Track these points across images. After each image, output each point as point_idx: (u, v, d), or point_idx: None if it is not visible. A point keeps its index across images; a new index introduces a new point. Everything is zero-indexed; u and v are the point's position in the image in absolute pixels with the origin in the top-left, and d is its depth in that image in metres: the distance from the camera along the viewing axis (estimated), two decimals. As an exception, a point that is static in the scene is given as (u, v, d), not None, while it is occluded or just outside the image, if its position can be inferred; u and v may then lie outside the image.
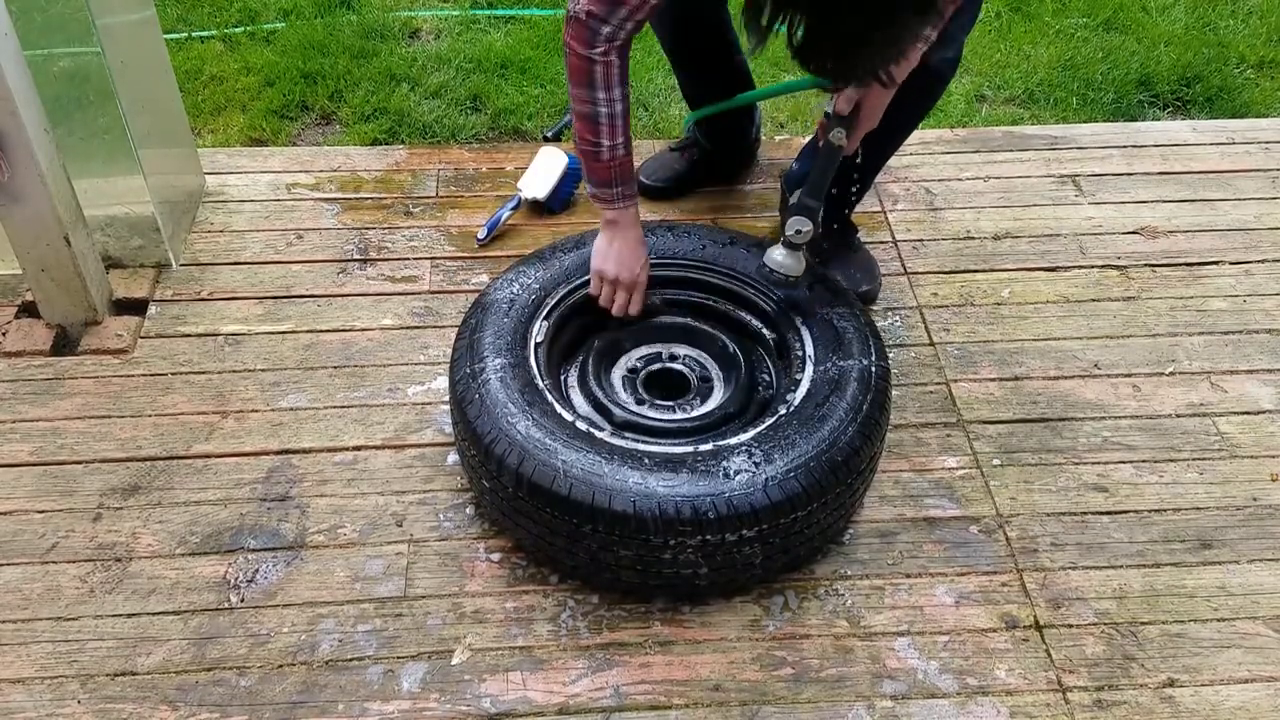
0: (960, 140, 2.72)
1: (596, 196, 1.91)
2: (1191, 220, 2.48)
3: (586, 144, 1.85)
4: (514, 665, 1.66)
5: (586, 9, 1.73)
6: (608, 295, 1.94)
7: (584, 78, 1.79)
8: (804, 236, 1.86)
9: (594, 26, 1.74)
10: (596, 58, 1.76)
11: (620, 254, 1.91)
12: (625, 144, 1.85)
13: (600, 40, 1.75)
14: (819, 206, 1.86)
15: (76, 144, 2.12)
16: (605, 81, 1.78)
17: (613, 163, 1.86)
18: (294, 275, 2.32)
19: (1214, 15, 3.35)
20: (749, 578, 1.73)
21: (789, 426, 1.70)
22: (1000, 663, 1.67)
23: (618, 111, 1.81)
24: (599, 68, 1.77)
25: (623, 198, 1.90)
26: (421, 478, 1.93)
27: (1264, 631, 1.71)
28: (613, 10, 1.72)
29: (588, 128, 1.83)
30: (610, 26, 1.74)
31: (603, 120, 1.82)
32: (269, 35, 3.24)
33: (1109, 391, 2.09)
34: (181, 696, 1.62)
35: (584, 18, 1.74)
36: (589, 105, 1.81)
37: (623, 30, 1.75)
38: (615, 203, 1.90)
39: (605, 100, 1.80)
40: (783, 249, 1.90)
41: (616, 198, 1.89)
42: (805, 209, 1.85)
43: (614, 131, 1.83)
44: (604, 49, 1.76)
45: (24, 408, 2.04)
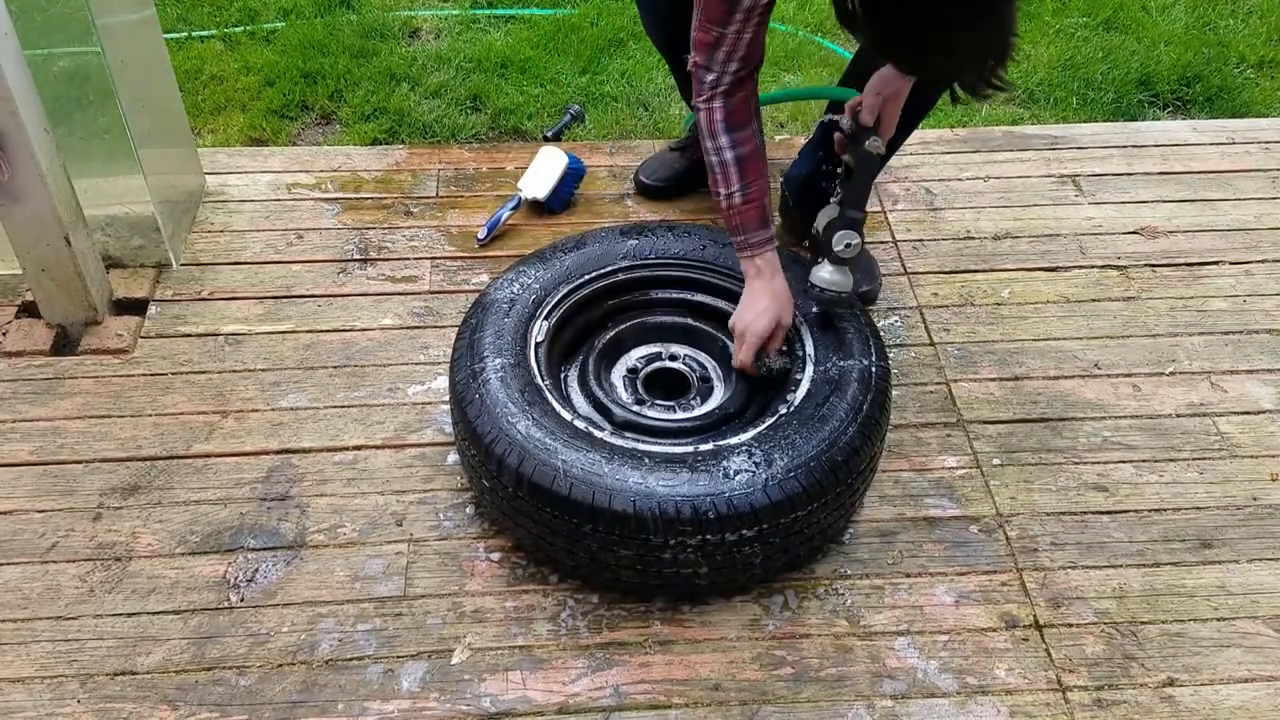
0: (960, 140, 2.72)
1: (735, 248, 1.87)
2: (1191, 220, 2.49)
3: (714, 195, 1.85)
4: (514, 665, 1.66)
5: (693, 60, 1.77)
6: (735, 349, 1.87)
7: (698, 128, 1.82)
8: (853, 250, 1.82)
9: (700, 76, 1.77)
10: (700, 106, 1.79)
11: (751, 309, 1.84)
12: (742, 191, 1.81)
13: (705, 88, 1.77)
14: (864, 218, 1.84)
15: (76, 144, 2.12)
16: (710, 130, 1.80)
17: (730, 211, 1.83)
18: (294, 275, 2.32)
19: (1214, 15, 3.35)
20: (749, 577, 1.73)
21: (789, 426, 1.70)
22: (1000, 662, 1.67)
23: (728, 160, 1.80)
24: (702, 116, 1.80)
25: (749, 245, 1.84)
26: (421, 477, 1.93)
27: (1264, 631, 1.71)
28: (711, 55, 1.74)
29: (709, 177, 1.84)
30: (713, 73, 1.76)
31: (715, 169, 1.82)
32: (269, 35, 3.24)
33: (1109, 391, 2.09)
34: (181, 696, 1.62)
35: (693, 70, 1.78)
36: (705, 155, 1.83)
37: (725, 74, 1.75)
38: (744, 251, 1.84)
39: (714, 149, 1.81)
40: (830, 265, 1.85)
41: (744, 246, 1.84)
42: (851, 222, 1.82)
43: (726, 180, 1.81)
44: (707, 96, 1.78)
45: (24, 407, 2.04)
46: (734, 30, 1.71)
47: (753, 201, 1.82)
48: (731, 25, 1.71)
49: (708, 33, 1.73)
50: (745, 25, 1.71)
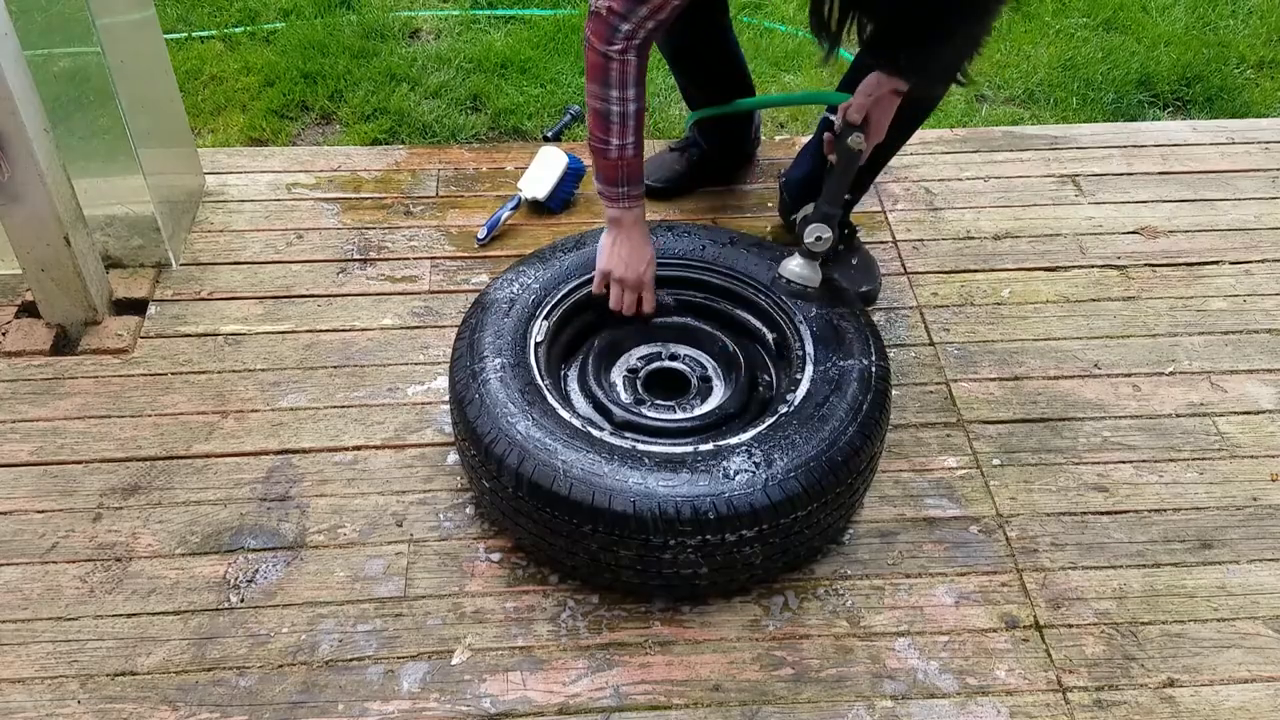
0: (960, 140, 2.72)
1: (602, 194, 1.91)
2: (1191, 220, 2.48)
3: (597, 140, 1.86)
4: (514, 665, 1.66)
5: (607, 5, 1.74)
6: (615, 296, 1.93)
7: (600, 74, 1.79)
8: (823, 244, 1.83)
9: (614, 23, 1.74)
10: (614, 55, 1.77)
11: (626, 253, 1.90)
12: (635, 145, 1.85)
13: (619, 38, 1.75)
14: (838, 214, 1.84)
15: (76, 144, 2.12)
16: (620, 80, 1.79)
17: (620, 161, 1.86)
18: (294, 275, 2.32)
19: (1214, 15, 3.35)
20: (749, 578, 1.73)
21: (789, 426, 1.70)
22: (1000, 663, 1.67)
23: (630, 111, 1.81)
24: (615, 65, 1.78)
25: (628, 198, 1.89)
26: (421, 478, 1.93)
27: (1264, 631, 1.71)
28: (633, 8, 1.73)
29: (599, 124, 1.84)
30: (630, 24, 1.74)
31: (614, 119, 1.82)
32: (269, 35, 3.24)
33: (1109, 391, 2.09)
34: (181, 696, 1.62)
35: (604, 13, 1.75)
36: (602, 102, 1.82)
37: (642, 29, 1.75)
38: (620, 202, 1.89)
39: (619, 99, 1.80)
40: (800, 258, 1.87)
41: (621, 197, 1.89)
42: (825, 216, 1.83)
43: (624, 131, 1.83)
44: (622, 46, 1.76)
45: (24, 408, 2.04)
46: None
47: (639, 156, 1.87)
48: None
49: None
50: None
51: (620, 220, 1.91)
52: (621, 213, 1.90)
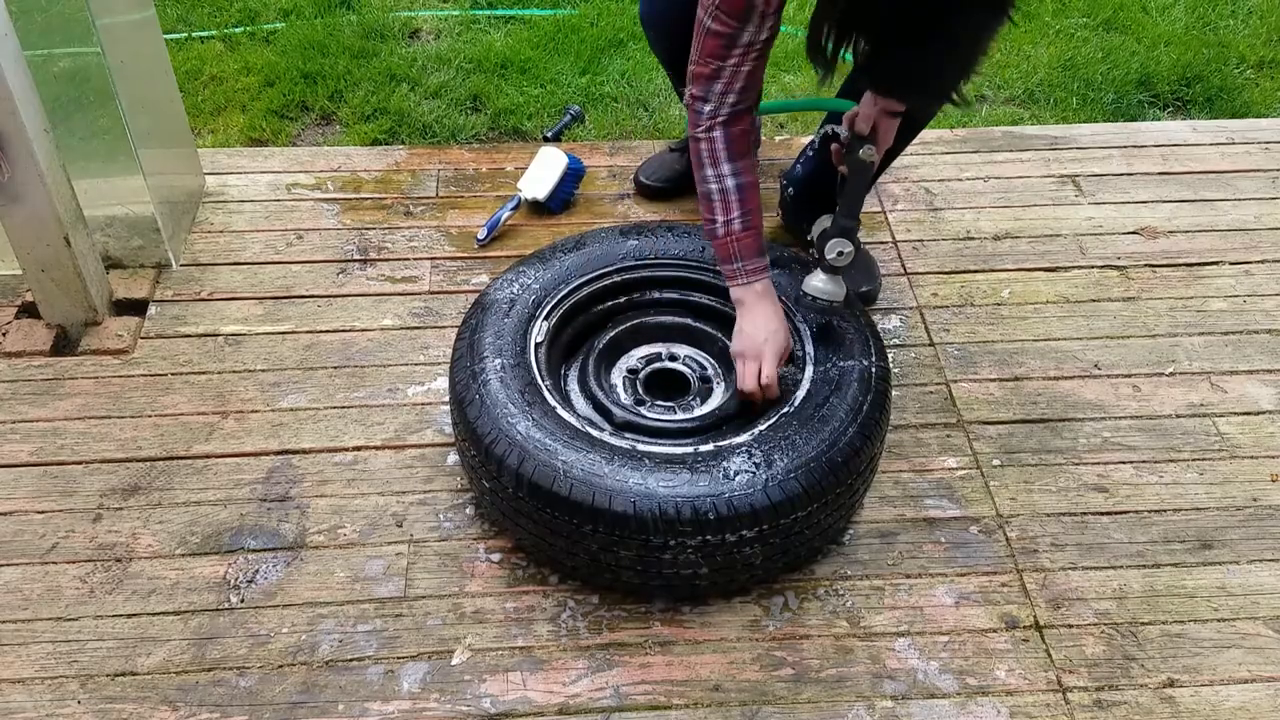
0: (960, 140, 2.72)
1: (725, 277, 1.85)
2: (1191, 220, 2.49)
3: (706, 223, 1.84)
4: (514, 665, 1.66)
5: (690, 93, 1.77)
6: (740, 373, 1.82)
7: (695, 159, 1.81)
8: (845, 259, 1.81)
9: (697, 109, 1.77)
10: (700, 136, 1.78)
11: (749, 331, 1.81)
12: (742, 220, 1.80)
13: (704, 119, 1.77)
14: (857, 226, 1.83)
15: (76, 144, 2.12)
16: (711, 158, 1.79)
17: (729, 239, 1.81)
18: (294, 275, 2.32)
19: (1214, 15, 3.36)
20: (749, 578, 1.73)
21: (789, 427, 1.70)
22: (1000, 663, 1.67)
23: (729, 187, 1.79)
24: (704, 145, 1.79)
25: (745, 273, 1.82)
26: (421, 478, 1.93)
27: (1264, 632, 1.71)
28: (709, 88, 1.74)
29: (704, 206, 1.82)
30: (710, 104, 1.75)
31: (715, 197, 1.80)
32: (269, 35, 3.24)
33: (1109, 392, 2.09)
34: (181, 697, 1.62)
35: (690, 102, 1.78)
36: (701, 184, 1.81)
37: (724, 105, 1.75)
38: (738, 279, 1.83)
39: (714, 178, 1.80)
40: (823, 274, 1.84)
41: (738, 273, 1.83)
42: (844, 230, 1.81)
43: (727, 207, 1.80)
44: (707, 126, 1.77)
45: (24, 408, 2.04)
46: (733, 64, 1.71)
47: (752, 229, 1.81)
48: (730, 59, 1.71)
49: (706, 66, 1.73)
50: (744, 59, 1.71)
51: (743, 300, 1.83)
52: (743, 290, 1.83)
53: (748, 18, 1.66)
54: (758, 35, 1.69)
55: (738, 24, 1.67)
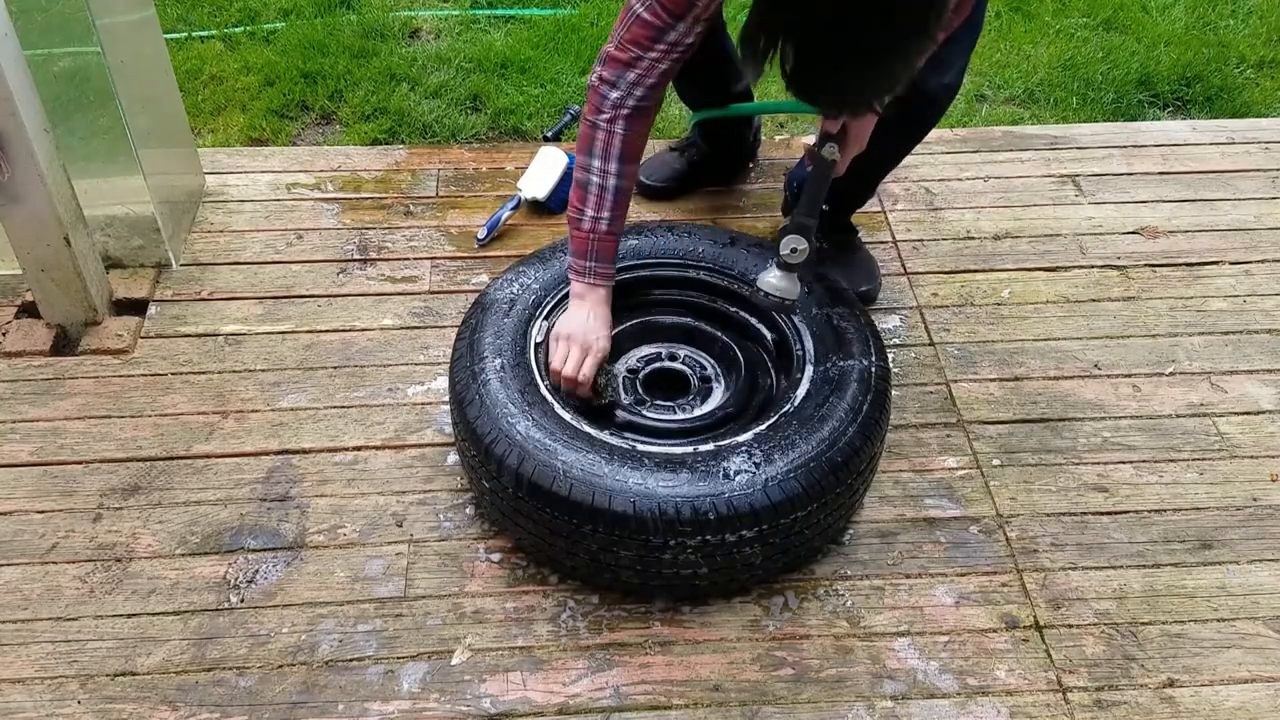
0: (960, 140, 2.72)
1: (570, 268, 1.85)
2: (1191, 220, 2.48)
3: (573, 209, 1.82)
4: (514, 665, 1.66)
5: (599, 74, 1.75)
6: (559, 354, 1.81)
7: (584, 143, 1.78)
8: (799, 256, 1.80)
9: (603, 92, 1.75)
10: (601, 124, 1.76)
11: (582, 320, 1.82)
12: (610, 220, 1.79)
13: (607, 106, 1.75)
14: (814, 224, 1.81)
15: (76, 144, 2.12)
16: (604, 150, 1.76)
17: (592, 235, 1.80)
18: (294, 275, 2.32)
19: (1214, 15, 3.35)
20: (749, 578, 1.73)
21: (789, 427, 1.70)
22: (1000, 663, 1.67)
23: (609, 186, 1.77)
24: (600, 134, 1.76)
25: (595, 274, 1.82)
26: (421, 478, 1.93)
27: (1264, 632, 1.71)
28: (621, 74, 1.72)
29: (577, 193, 1.81)
30: (618, 92, 1.74)
31: (592, 189, 1.78)
32: (269, 35, 3.24)
33: (1109, 391, 2.09)
34: (181, 697, 1.62)
35: (596, 84, 1.75)
36: (583, 171, 1.79)
37: (631, 97, 1.73)
38: (584, 277, 1.82)
39: (599, 170, 1.77)
40: (777, 271, 1.82)
41: (587, 272, 1.82)
42: (801, 227, 1.80)
43: (600, 204, 1.78)
44: (610, 115, 1.75)
45: (24, 408, 2.04)
46: (653, 58, 1.70)
47: (614, 234, 1.81)
48: (652, 53, 1.70)
49: (625, 52, 1.71)
50: (665, 57, 1.70)
51: (583, 296, 1.83)
52: (586, 289, 1.82)
53: (682, 16, 1.66)
54: (684, 37, 1.68)
55: (670, 20, 1.66)
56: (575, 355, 1.80)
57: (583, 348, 1.80)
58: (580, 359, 1.80)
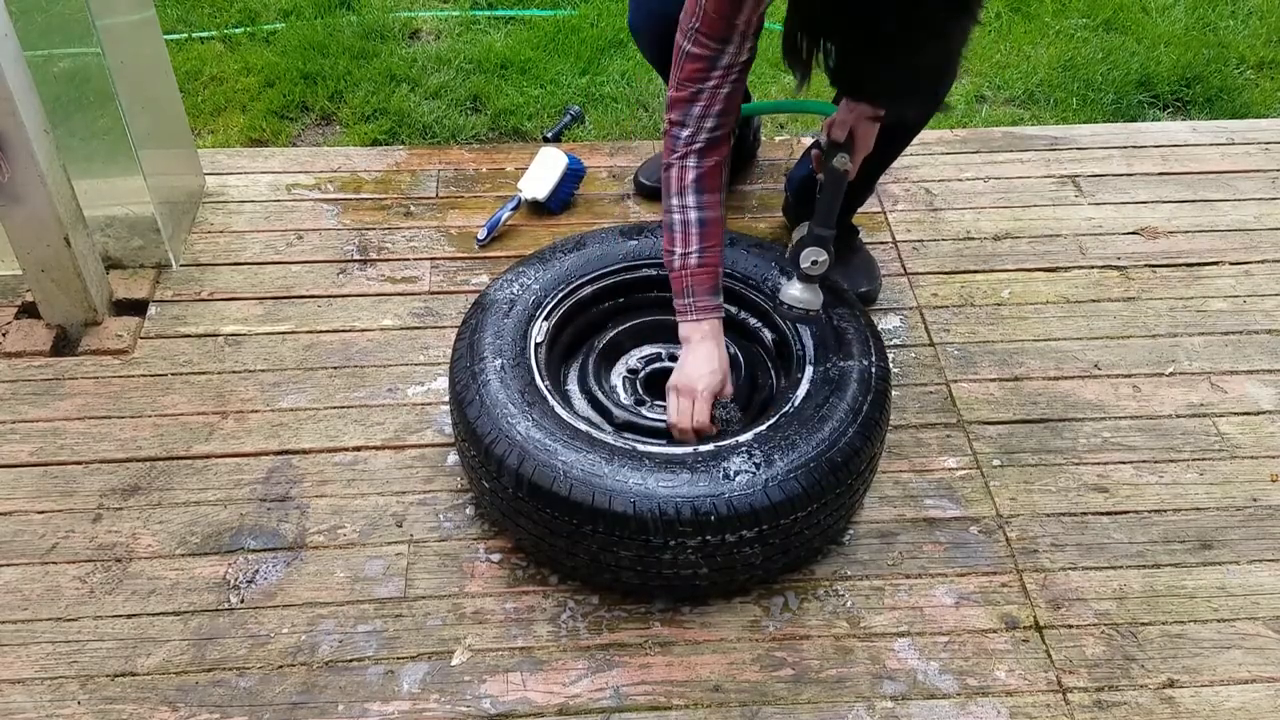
0: (960, 140, 2.72)
1: (676, 311, 1.83)
2: (1191, 220, 2.49)
3: (666, 253, 1.81)
4: (514, 666, 1.66)
5: (669, 119, 1.75)
6: (672, 406, 1.78)
7: (665, 186, 1.78)
8: (820, 268, 1.81)
9: (675, 134, 1.75)
10: (674, 163, 1.76)
11: (689, 368, 1.78)
12: (700, 253, 1.77)
13: (680, 145, 1.75)
14: (832, 235, 1.82)
15: (76, 144, 2.12)
16: (679, 187, 1.76)
17: (684, 272, 1.78)
18: (294, 275, 2.32)
19: (1214, 15, 3.36)
20: (749, 578, 1.73)
21: (789, 427, 1.70)
22: (1000, 663, 1.67)
23: (691, 220, 1.76)
24: (674, 172, 1.76)
25: (695, 309, 1.80)
26: (421, 478, 1.93)
27: (1264, 632, 1.71)
28: (687, 111, 1.72)
29: (666, 235, 1.80)
30: (689, 129, 1.73)
31: (676, 228, 1.78)
32: (269, 36, 3.24)
33: (1109, 392, 2.09)
34: (181, 697, 1.62)
35: (668, 128, 1.75)
36: (666, 213, 1.79)
37: (701, 130, 1.73)
38: (686, 315, 1.80)
39: (678, 207, 1.77)
40: (799, 283, 1.84)
41: (687, 309, 1.80)
42: (819, 239, 1.81)
43: (686, 239, 1.77)
44: (681, 153, 1.75)
45: (24, 408, 2.04)
46: (712, 86, 1.70)
47: (707, 266, 1.79)
48: (710, 82, 1.69)
49: (684, 90, 1.71)
50: (724, 81, 1.69)
51: (689, 338, 1.80)
52: (692, 328, 1.80)
53: (728, 39, 1.65)
54: (737, 57, 1.68)
55: (718, 46, 1.66)
56: (685, 406, 1.76)
57: (690, 395, 1.76)
58: (690, 408, 1.76)
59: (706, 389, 1.76)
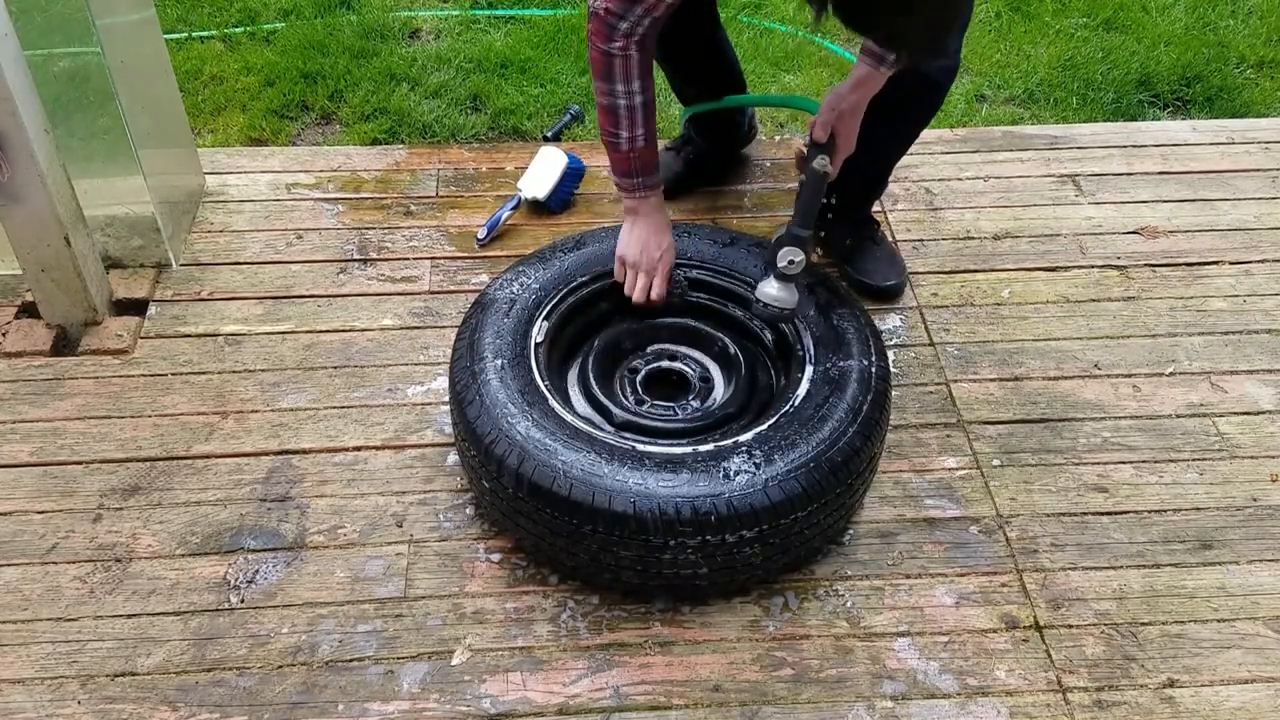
0: (960, 140, 2.72)
1: (618, 186, 1.97)
2: (1191, 220, 2.48)
3: (607, 134, 1.91)
4: (514, 666, 1.66)
5: (605, 6, 1.79)
6: (629, 281, 1.95)
7: (604, 71, 1.85)
8: (796, 267, 1.82)
9: (612, 23, 1.79)
10: (615, 52, 1.82)
11: (642, 238, 1.94)
12: (646, 136, 1.90)
13: (618, 35, 1.80)
14: (810, 235, 1.84)
15: (76, 144, 2.12)
16: (624, 75, 1.84)
17: (632, 153, 1.91)
18: (294, 275, 2.32)
19: (1214, 15, 3.35)
20: (749, 578, 1.73)
21: (789, 427, 1.70)
22: (1000, 663, 1.67)
23: (637, 104, 1.87)
24: (618, 61, 1.83)
25: (643, 187, 1.94)
26: (421, 478, 1.93)
27: (1264, 632, 1.71)
28: (629, 8, 1.77)
29: (608, 119, 1.89)
30: (627, 23, 1.79)
31: (622, 112, 1.87)
32: (269, 35, 3.24)
33: (1109, 391, 2.09)
34: (181, 697, 1.62)
35: (602, 14, 1.80)
36: (609, 98, 1.87)
37: (640, 26, 1.79)
38: (636, 192, 1.95)
39: (624, 93, 1.86)
40: (775, 281, 1.84)
41: (637, 187, 1.94)
42: (796, 239, 1.83)
43: (633, 123, 1.88)
44: (622, 44, 1.81)
45: (24, 408, 2.04)
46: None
47: (651, 144, 1.92)
48: None
49: None
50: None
51: (636, 209, 1.95)
52: (638, 202, 1.95)
53: None
54: None
55: None
56: (643, 281, 1.93)
57: (648, 269, 1.93)
58: (648, 281, 1.93)
59: (665, 266, 1.94)
